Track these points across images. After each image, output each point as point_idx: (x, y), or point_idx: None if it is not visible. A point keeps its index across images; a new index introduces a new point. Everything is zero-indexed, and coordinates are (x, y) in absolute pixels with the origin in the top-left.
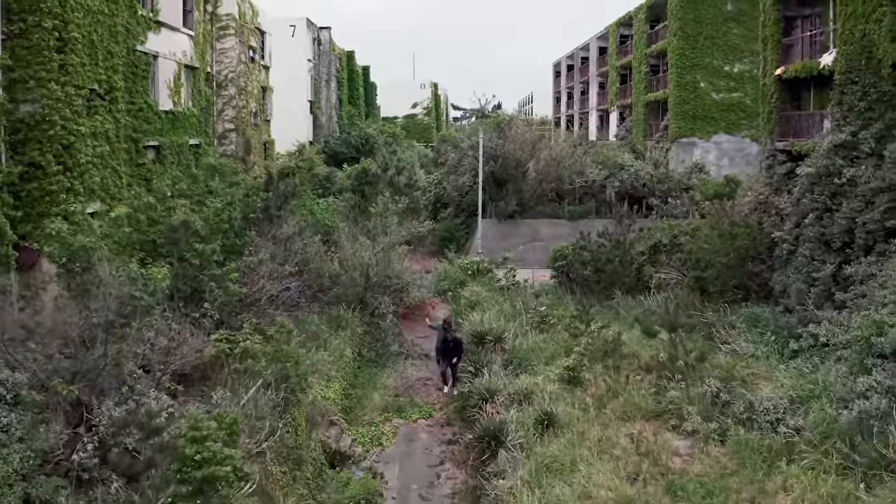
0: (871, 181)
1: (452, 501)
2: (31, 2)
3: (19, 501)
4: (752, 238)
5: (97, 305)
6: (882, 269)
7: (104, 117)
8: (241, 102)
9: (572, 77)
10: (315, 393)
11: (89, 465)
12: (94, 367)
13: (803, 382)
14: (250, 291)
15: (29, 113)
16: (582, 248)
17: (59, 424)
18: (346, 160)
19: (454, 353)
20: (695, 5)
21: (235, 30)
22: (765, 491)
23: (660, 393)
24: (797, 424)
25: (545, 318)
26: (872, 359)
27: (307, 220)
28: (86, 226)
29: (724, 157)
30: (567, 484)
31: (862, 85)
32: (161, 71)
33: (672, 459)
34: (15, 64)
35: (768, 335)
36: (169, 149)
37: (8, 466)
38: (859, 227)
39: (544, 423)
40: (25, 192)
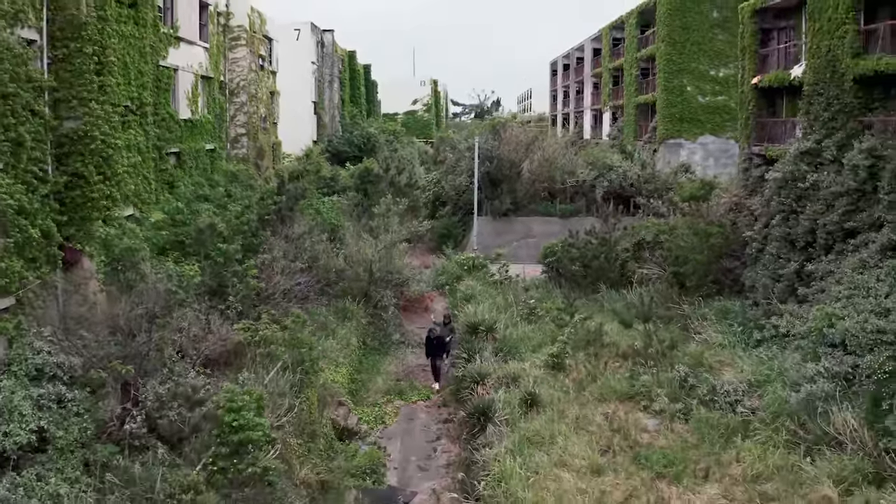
0: (831, 186)
1: (447, 471)
2: (73, 30)
3: (80, 465)
4: (726, 237)
5: (141, 299)
6: (839, 267)
7: (136, 130)
8: (251, 108)
9: (568, 76)
10: (325, 376)
11: (139, 433)
12: (140, 352)
13: (762, 368)
14: (267, 286)
15: (72, 129)
16: (570, 246)
17: (113, 400)
18: (348, 159)
19: (438, 350)
20: (682, 13)
21: (246, 40)
22: (720, 462)
23: (634, 377)
24: (753, 405)
25: (534, 310)
26: (824, 348)
27: (315, 219)
28: (129, 230)
29: (710, 158)
30: (546, 453)
31: (826, 96)
32: (180, 83)
33: (641, 435)
34: (59, 85)
35: (736, 326)
36: (188, 154)
37: (69, 436)
38: (820, 228)
39: (528, 402)
40: (70, 199)
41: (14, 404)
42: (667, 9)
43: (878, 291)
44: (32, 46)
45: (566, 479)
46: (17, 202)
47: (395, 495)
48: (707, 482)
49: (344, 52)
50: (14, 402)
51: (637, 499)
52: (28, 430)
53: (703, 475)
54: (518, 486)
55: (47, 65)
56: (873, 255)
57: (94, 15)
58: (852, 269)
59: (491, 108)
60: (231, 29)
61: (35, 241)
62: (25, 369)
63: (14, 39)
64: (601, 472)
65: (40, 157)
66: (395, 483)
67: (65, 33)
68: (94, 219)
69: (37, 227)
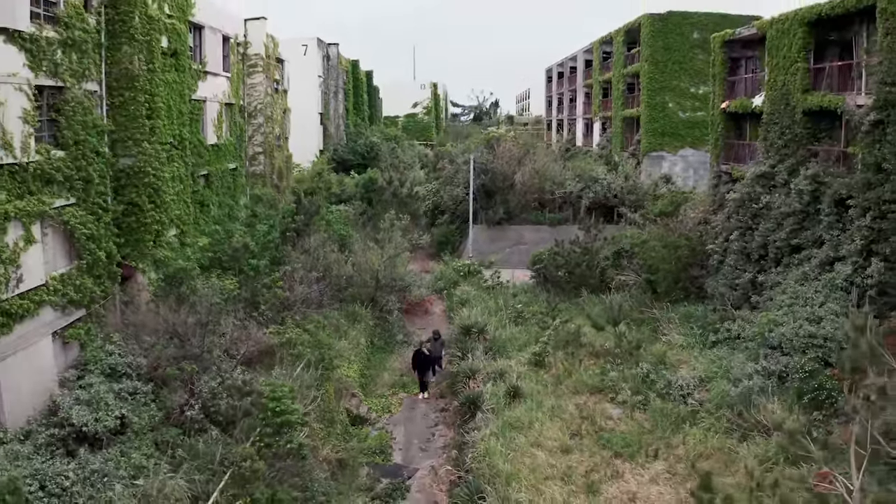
0: (781, 207)
1: (443, 451)
2: (127, 81)
3: (152, 444)
4: (692, 249)
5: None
6: (785, 279)
7: (178, 163)
8: (267, 129)
9: (562, 84)
10: (341, 372)
11: (197, 419)
12: (194, 354)
13: (712, 367)
14: (290, 294)
15: (128, 165)
16: (556, 254)
17: (176, 393)
18: (353, 167)
19: (425, 365)
20: (664, 34)
21: (263, 67)
22: (669, 444)
23: (604, 373)
24: (701, 398)
25: (521, 313)
26: (765, 349)
27: (327, 230)
28: (181, 252)
29: (690, 169)
30: (524, 436)
31: (781, 125)
32: (208, 112)
33: (606, 421)
34: (117, 128)
35: (696, 329)
36: (215, 175)
37: (142, 421)
38: (771, 243)
39: (512, 394)
40: (126, 224)
41: (101, 396)
42: (650, 30)
43: (814, 301)
44: (94, 96)
45: (540, 456)
46: (88, 230)
47: (400, 471)
48: (656, 460)
49: (347, 63)
50: (101, 394)
51: (597, 472)
52: (114, 416)
53: (654, 455)
54: (499, 461)
55: (106, 111)
56: (814, 268)
57: (144, 67)
58: (795, 280)
59: (489, 110)
60: (249, 57)
61: (101, 261)
62: (101, 368)
63: (81, 93)
64: (569, 451)
65: (103, 190)
66: (400, 461)
67: (120, 84)
68: (147, 241)
69: (102, 249)
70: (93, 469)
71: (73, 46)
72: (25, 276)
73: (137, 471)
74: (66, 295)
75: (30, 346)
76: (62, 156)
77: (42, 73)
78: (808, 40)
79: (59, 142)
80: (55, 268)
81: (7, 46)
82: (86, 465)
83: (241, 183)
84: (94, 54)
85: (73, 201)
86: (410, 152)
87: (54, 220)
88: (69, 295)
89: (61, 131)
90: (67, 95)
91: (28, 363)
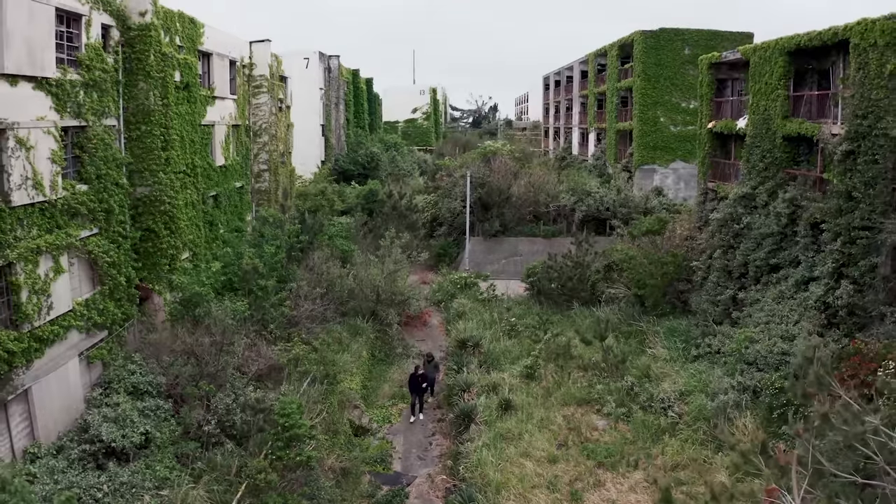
0: (761, 227)
1: (440, 459)
2: (143, 115)
3: (173, 457)
4: (678, 265)
5: (209, 331)
6: (764, 296)
7: (191, 189)
8: (272, 147)
9: (559, 93)
10: (344, 385)
11: (213, 433)
12: (210, 373)
13: (692, 380)
14: (296, 312)
15: (145, 194)
16: (549, 267)
17: (195, 410)
18: (353, 176)
19: (423, 386)
20: (656, 51)
21: (267, 87)
22: (649, 454)
23: (591, 386)
24: (680, 410)
25: (514, 326)
26: (742, 364)
27: (330, 245)
28: (195, 276)
29: (681, 182)
30: (514, 446)
31: (762, 149)
32: (216, 135)
33: (591, 432)
34: (134, 160)
35: (679, 343)
36: (223, 195)
37: (163, 436)
38: (751, 262)
39: (504, 406)
40: (143, 249)
41: (126, 414)
42: (642, 47)
43: (789, 320)
44: (112, 130)
45: (528, 465)
46: (110, 258)
47: (399, 478)
48: (636, 469)
49: (348, 73)
50: (126, 412)
51: (581, 481)
52: (139, 433)
53: (634, 464)
54: (490, 470)
55: (124, 144)
56: (790, 288)
57: (159, 102)
58: (773, 298)
59: (488, 114)
60: (254, 78)
61: (121, 285)
62: (125, 386)
63: (102, 129)
64: (556, 461)
65: (123, 219)
66: (399, 469)
67: (137, 118)
68: (163, 264)
69: (122, 274)
70: (122, 481)
71: (93, 86)
72: (55, 303)
73: (162, 482)
74: (91, 318)
75: (59, 368)
76: (86, 190)
77: (67, 115)
78: (788, 68)
79: (83, 176)
80: (80, 293)
81: (35, 93)
82: (115, 478)
83: (246, 200)
84: (113, 91)
85: (95, 231)
86: (410, 158)
87: (80, 249)
88: (93, 318)
89: (84, 167)
90: (90, 133)
91: (58, 383)
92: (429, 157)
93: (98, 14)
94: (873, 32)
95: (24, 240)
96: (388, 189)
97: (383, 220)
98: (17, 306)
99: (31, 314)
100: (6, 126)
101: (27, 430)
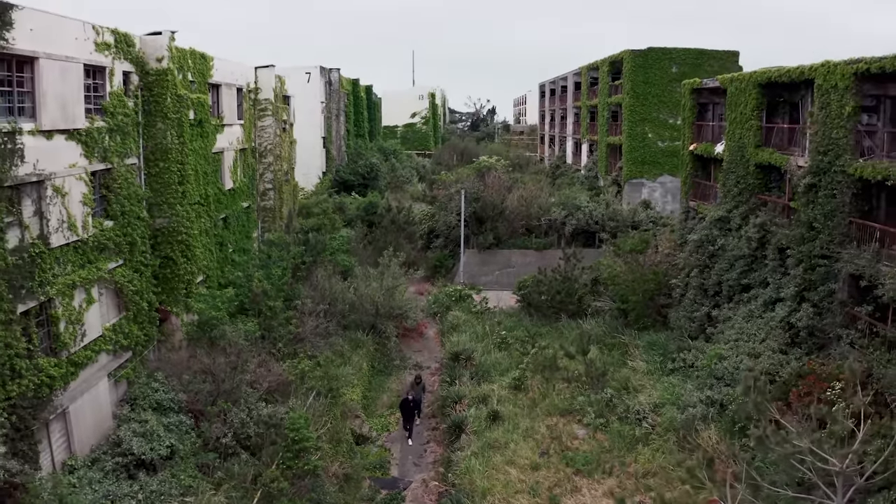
0: (734, 249)
1: (433, 466)
2: (161, 153)
3: (195, 467)
4: (658, 282)
5: (224, 352)
6: (735, 314)
7: (205, 218)
8: (277, 166)
9: (554, 102)
10: (346, 397)
11: (230, 445)
12: (226, 390)
13: (666, 393)
14: (301, 329)
15: (163, 225)
16: (539, 281)
17: (213, 424)
18: (354, 187)
19: (413, 411)
20: (644, 69)
21: (272, 111)
22: (623, 462)
23: (574, 397)
24: (654, 421)
25: (505, 339)
26: (711, 379)
27: (332, 260)
28: (210, 301)
29: (668, 195)
30: (500, 455)
31: (736, 175)
32: (226, 160)
33: (572, 441)
34: (153, 194)
35: (657, 356)
36: (232, 216)
37: (185, 448)
38: (725, 282)
39: (492, 417)
40: (162, 276)
41: (153, 429)
42: (631, 66)
43: (756, 338)
44: (133, 168)
45: (512, 472)
46: (134, 286)
47: (396, 483)
48: (610, 476)
49: (348, 83)
50: (153, 427)
51: (559, 487)
52: (165, 446)
53: (609, 472)
54: (478, 477)
55: (144, 180)
56: (759, 307)
57: (176, 141)
58: (742, 317)
59: (486, 117)
60: (260, 102)
61: (144, 310)
62: (150, 403)
63: (125, 168)
64: (538, 468)
65: (144, 249)
66: (396, 474)
67: (156, 156)
68: (181, 289)
69: (144, 300)
70: (152, 490)
71: (117, 131)
72: (88, 330)
73: (186, 490)
74: (117, 341)
75: (91, 388)
76: (112, 225)
77: (95, 159)
78: (762, 100)
79: (109, 213)
80: (108, 319)
81: (68, 143)
82: (146, 487)
83: (253, 218)
84: (134, 133)
85: (121, 262)
86: (408, 164)
87: (108, 280)
88: (119, 341)
89: (110, 204)
90: (115, 173)
91: (90, 401)
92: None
93: (120, 63)
94: (835, 75)
95: (61, 276)
96: (387, 202)
97: (383, 233)
98: (56, 336)
99: (69, 342)
100: (45, 177)
101: (65, 444)
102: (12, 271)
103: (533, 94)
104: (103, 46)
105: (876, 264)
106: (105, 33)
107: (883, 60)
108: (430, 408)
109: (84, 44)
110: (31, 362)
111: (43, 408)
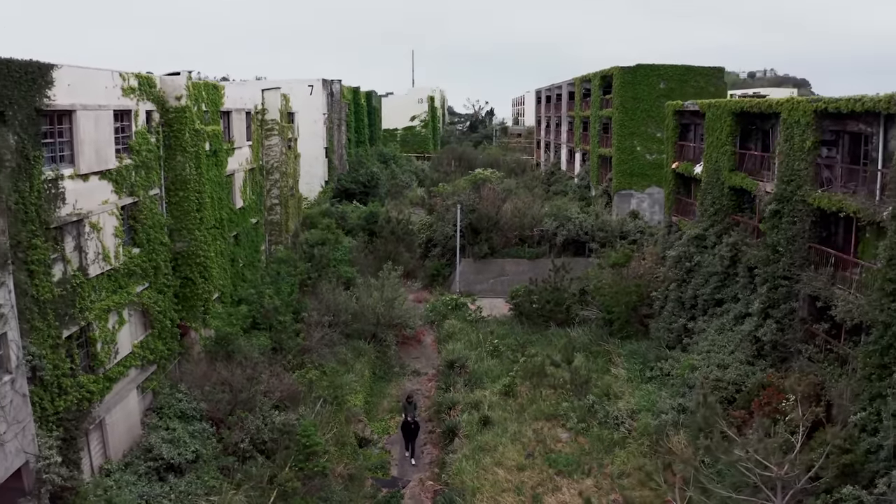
0: (708, 266)
1: (430, 467)
2: (181, 183)
3: (216, 470)
4: (640, 294)
5: (240, 365)
6: (709, 327)
7: (220, 240)
8: (283, 183)
9: (550, 109)
10: (350, 403)
11: (247, 449)
12: (243, 400)
13: (643, 400)
14: (308, 341)
15: (183, 248)
16: (531, 291)
17: (233, 431)
18: (355, 195)
19: (414, 433)
20: (633, 85)
21: (278, 130)
22: (600, 464)
23: (559, 403)
24: (630, 426)
25: (497, 347)
26: (684, 388)
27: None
28: (226, 318)
29: (656, 205)
30: (490, 457)
31: (712, 195)
32: (236, 181)
33: (555, 444)
34: (174, 221)
35: (638, 364)
36: (242, 233)
37: (207, 452)
38: (700, 296)
39: (483, 421)
40: (182, 294)
41: (180, 436)
42: (620, 82)
43: (726, 350)
44: (156, 197)
45: (500, 473)
46: (159, 307)
47: (396, 482)
48: (588, 477)
49: (349, 92)
50: (180, 434)
51: (542, 486)
52: (191, 451)
53: (587, 472)
54: (469, 477)
55: (165, 208)
56: (730, 321)
57: (194, 172)
58: (715, 330)
59: (485, 119)
60: (266, 122)
61: (167, 327)
62: (175, 412)
63: (149, 200)
64: (524, 469)
65: (167, 272)
66: (396, 474)
67: (176, 186)
68: (199, 307)
69: (167, 318)
70: (181, 490)
71: (142, 166)
72: (120, 348)
73: (210, 490)
74: (145, 356)
75: (123, 399)
76: (139, 252)
77: (123, 194)
78: (736, 128)
79: (136, 241)
80: (136, 337)
81: (101, 182)
82: (175, 488)
83: (261, 233)
84: (156, 166)
85: (147, 285)
86: (408, 167)
87: (136, 303)
88: (146, 356)
89: (137, 234)
90: (140, 205)
91: (122, 412)
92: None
93: (143, 104)
94: (797, 111)
95: (97, 302)
96: (387, 213)
97: (383, 243)
98: (94, 355)
99: (105, 360)
100: (83, 215)
101: (101, 450)
102: (58, 301)
103: (531, 96)
104: (129, 91)
105: (831, 287)
106: (130, 78)
107: (839, 101)
108: (426, 412)
109: (112, 90)
110: (74, 380)
111: (84, 419)
